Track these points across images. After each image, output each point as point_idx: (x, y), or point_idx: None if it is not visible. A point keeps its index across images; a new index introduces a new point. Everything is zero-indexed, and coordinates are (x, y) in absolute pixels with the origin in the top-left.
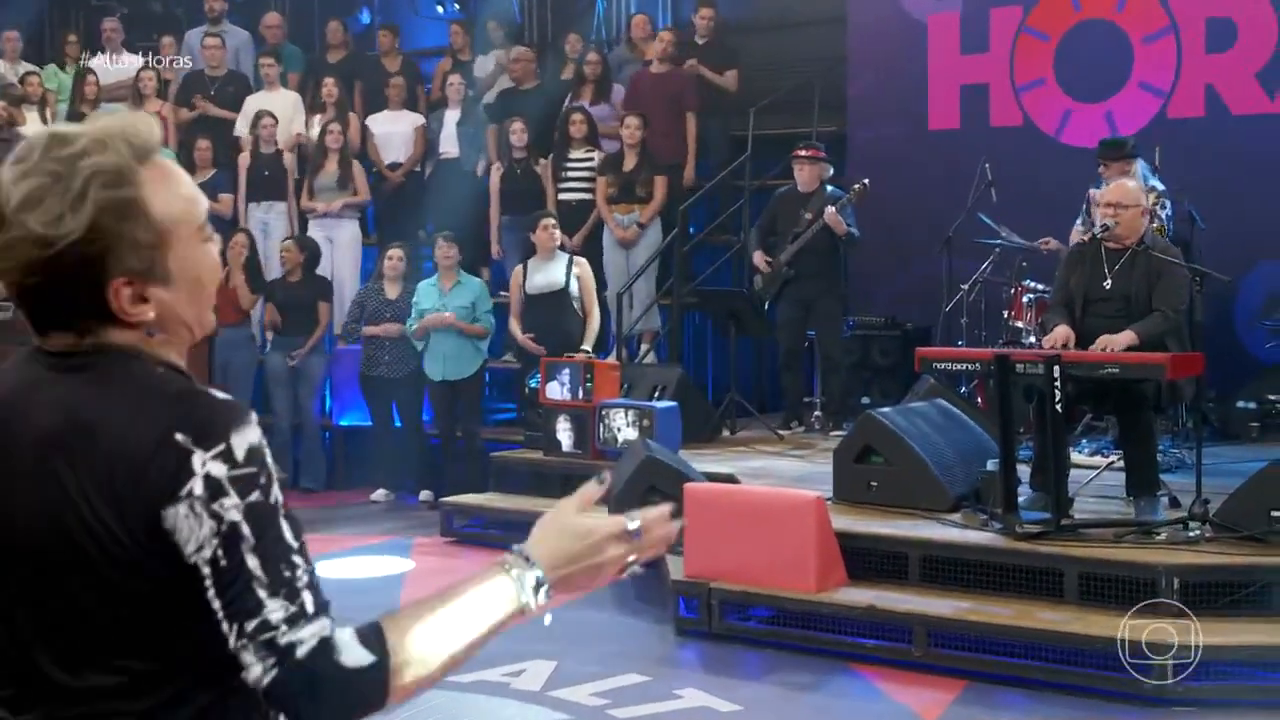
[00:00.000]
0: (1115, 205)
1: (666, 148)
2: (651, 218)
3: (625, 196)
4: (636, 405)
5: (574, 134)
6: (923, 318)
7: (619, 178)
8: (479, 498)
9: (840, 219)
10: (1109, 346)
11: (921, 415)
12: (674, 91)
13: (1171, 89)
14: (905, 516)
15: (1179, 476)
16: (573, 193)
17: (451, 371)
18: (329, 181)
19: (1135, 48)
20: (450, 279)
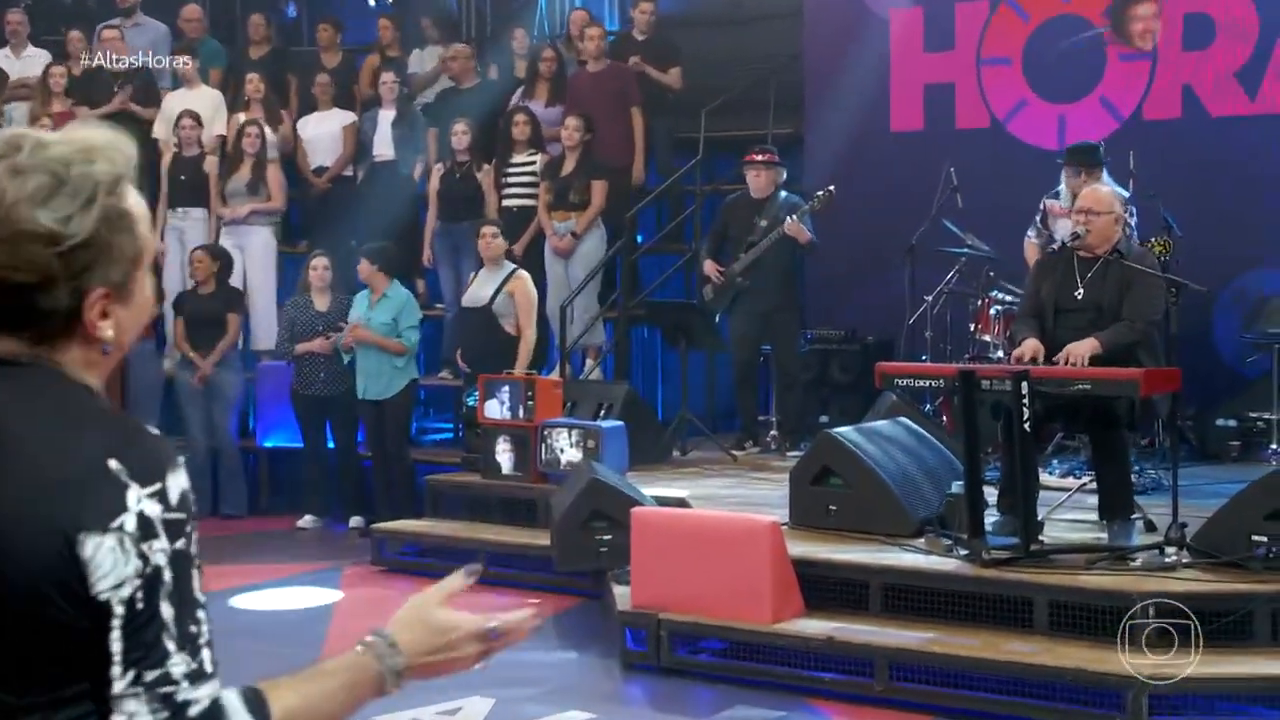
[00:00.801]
0: (1088, 212)
1: (613, 149)
2: (587, 225)
3: (561, 203)
4: (581, 425)
5: (517, 136)
6: (884, 331)
7: (555, 182)
8: (413, 524)
9: (803, 228)
10: (1072, 356)
11: (883, 435)
12: (615, 88)
13: (1146, 89)
14: (866, 542)
15: (1155, 499)
16: (515, 199)
17: (375, 390)
18: (240, 186)
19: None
20: (379, 291)
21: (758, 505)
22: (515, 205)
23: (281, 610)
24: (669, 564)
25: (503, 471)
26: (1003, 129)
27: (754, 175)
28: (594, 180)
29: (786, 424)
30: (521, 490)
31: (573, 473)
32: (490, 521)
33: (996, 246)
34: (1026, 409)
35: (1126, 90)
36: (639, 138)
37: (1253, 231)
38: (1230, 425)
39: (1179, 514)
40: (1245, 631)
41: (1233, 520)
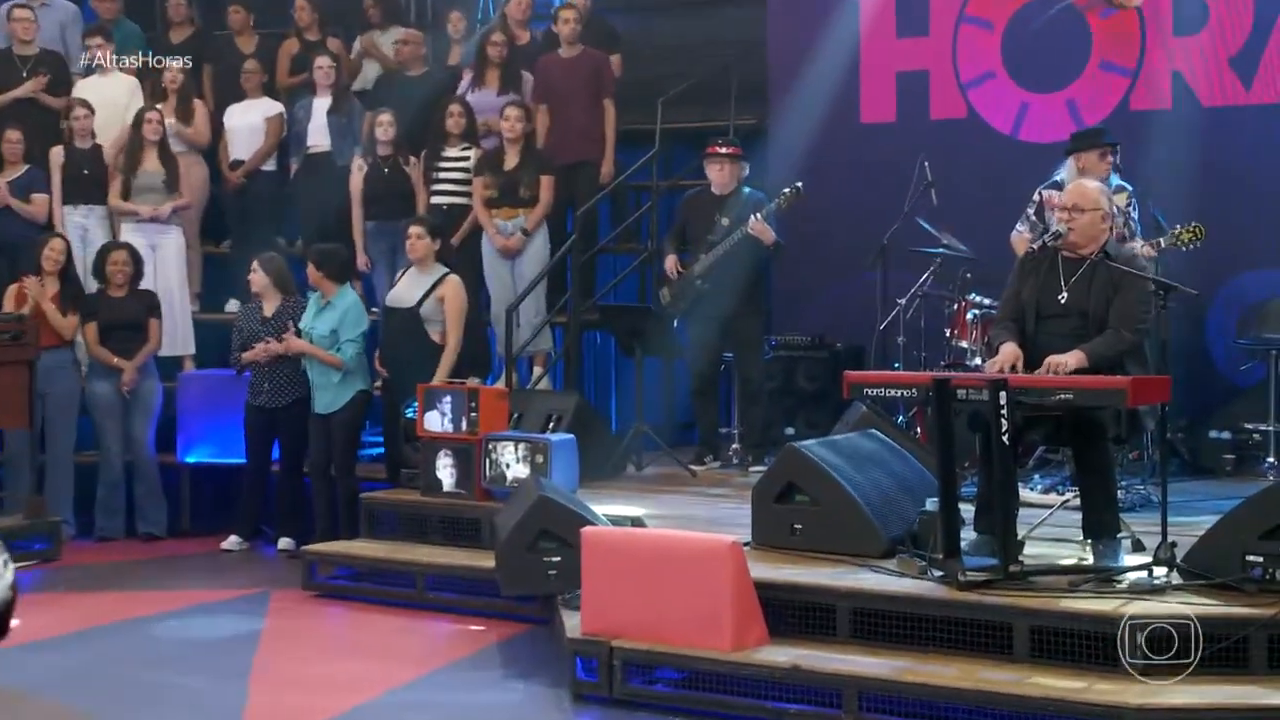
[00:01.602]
0: (1071, 209)
1: (581, 142)
2: (538, 223)
3: (507, 199)
4: (528, 438)
5: (450, 128)
6: (854, 337)
7: (499, 178)
8: (347, 545)
9: (767, 227)
10: (1056, 368)
11: (852, 448)
12: (588, 76)
13: (1135, 76)
14: (833, 564)
15: (1143, 516)
16: (446, 195)
17: (322, 403)
18: (152, 180)
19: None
20: (326, 296)
21: (718, 524)
22: (446, 203)
23: (204, 640)
24: (622, 588)
25: (444, 489)
26: (982, 120)
27: (716, 169)
28: (542, 175)
29: (749, 437)
30: (464, 509)
31: (519, 490)
32: (430, 542)
33: (974, 246)
34: (1005, 420)
35: (1124, 44)
36: (610, 131)
37: (1248, 231)
38: (1224, 437)
39: (1169, 533)
40: (1240, 658)
41: (1226, 539)
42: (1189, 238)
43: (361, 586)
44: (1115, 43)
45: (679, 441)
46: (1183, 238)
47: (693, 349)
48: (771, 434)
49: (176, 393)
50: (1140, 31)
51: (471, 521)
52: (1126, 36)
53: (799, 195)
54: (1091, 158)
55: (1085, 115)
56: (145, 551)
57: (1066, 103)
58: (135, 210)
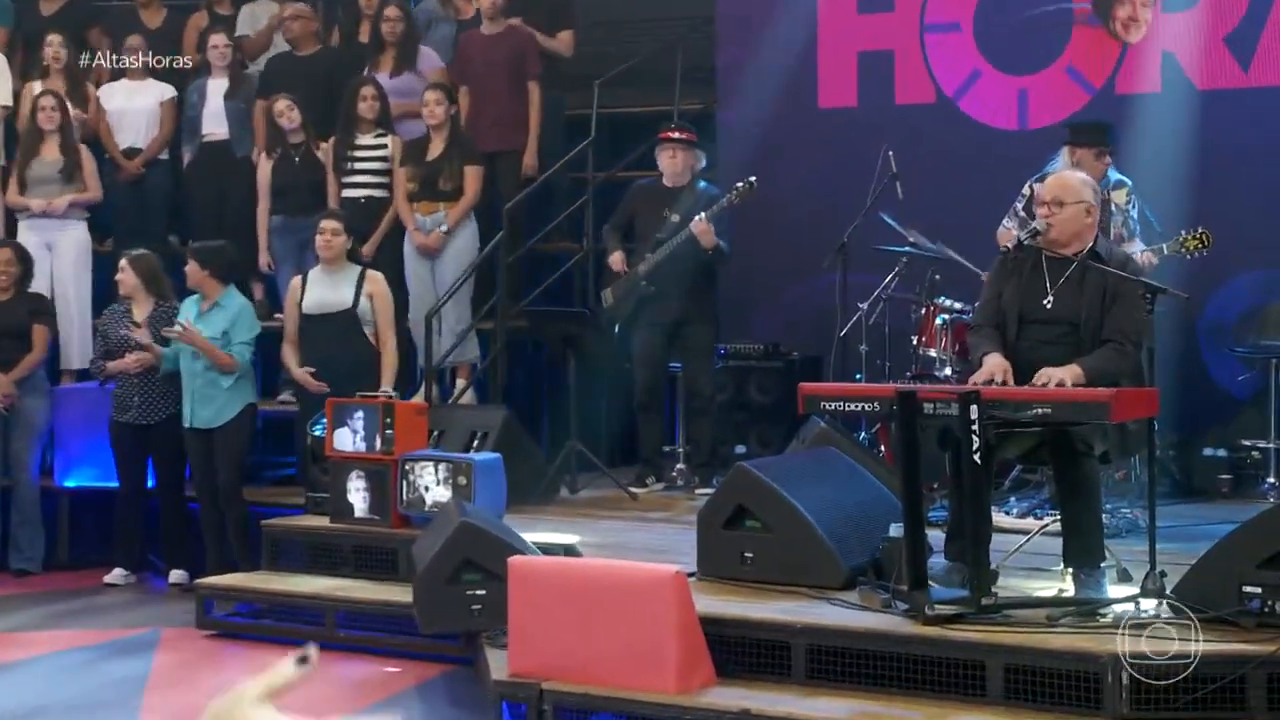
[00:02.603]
0: (1051, 203)
1: (503, 129)
2: (460, 219)
3: (428, 192)
4: (449, 458)
5: (362, 114)
6: (811, 345)
7: (420, 168)
8: (247, 578)
9: (709, 229)
10: (1052, 381)
11: (809, 468)
12: (510, 56)
13: (1119, 59)
14: (788, 596)
15: (1130, 542)
16: (361, 188)
17: (203, 417)
18: (49, 171)
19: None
20: (210, 298)
21: (660, 553)
22: (361, 196)
23: (84, 687)
24: (554, 624)
25: (356, 514)
26: (952, 105)
27: (667, 157)
28: (467, 165)
29: (696, 456)
30: (378, 537)
31: (439, 515)
32: (340, 574)
33: (945, 244)
34: (977, 437)
35: (1095, 58)
36: (534, 117)
37: (1246, 227)
38: (1219, 455)
39: (1158, 561)
40: (1237, 699)
41: (1221, 568)
42: (1195, 245)
43: (263, 624)
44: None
45: (618, 461)
46: (1188, 245)
47: (635, 358)
48: (720, 453)
49: (53, 408)
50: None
51: (386, 551)
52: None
53: (751, 190)
54: (1088, 155)
55: (1066, 101)
56: (17, 587)
57: (1067, 69)
58: (28, 204)
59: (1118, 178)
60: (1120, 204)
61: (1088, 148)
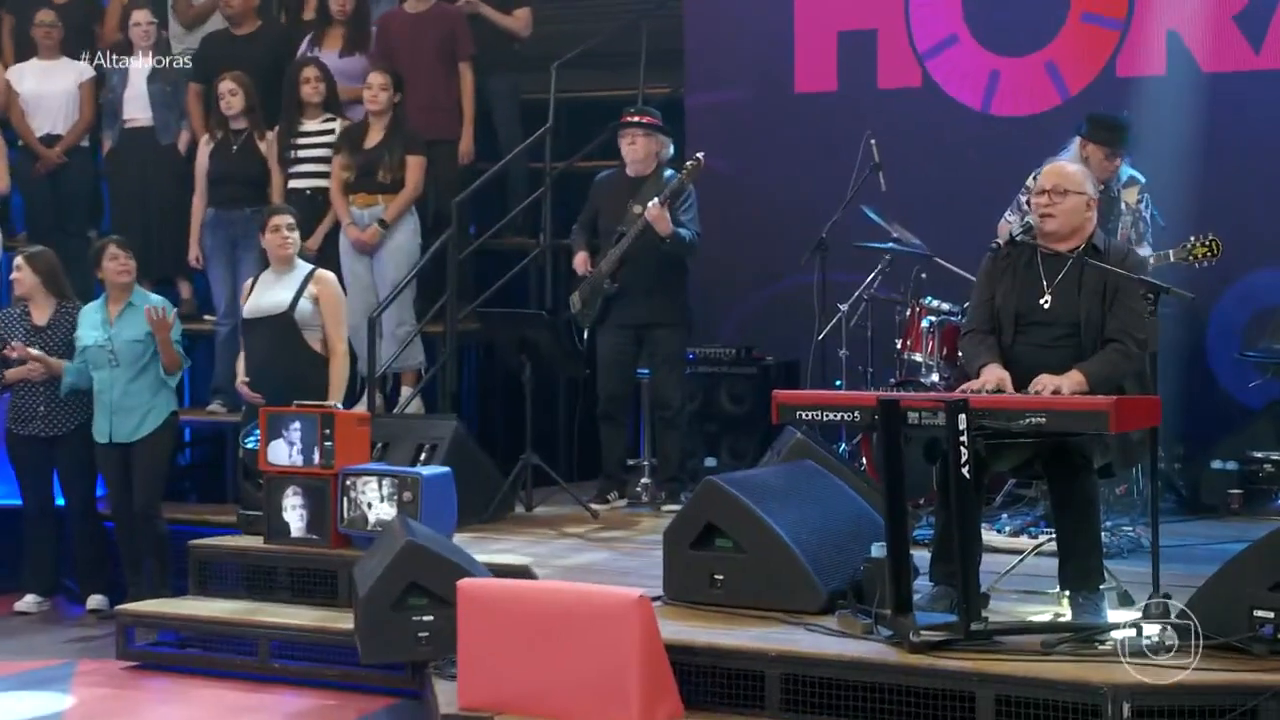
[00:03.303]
0: (1051, 191)
1: (434, 116)
2: (400, 213)
3: (365, 183)
4: (394, 472)
5: (307, 97)
6: (787, 349)
7: (357, 157)
8: (172, 604)
9: (665, 215)
10: (1050, 390)
11: (785, 483)
12: (439, 36)
13: (1122, 34)
14: (762, 622)
15: (1132, 563)
16: (306, 179)
17: (124, 429)
18: None
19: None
20: (120, 301)
21: (623, 575)
22: (307, 187)
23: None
24: (508, 653)
25: (291, 534)
26: (940, 89)
27: (628, 144)
28: (409, 155)
29: (662, 470)
30: (316, 558)
31: (383, 535)
32: (275, 599)
33: (932, 240)
34: (966, 449)
35: (1082, 62)
36: (467, 102)
37: (1256, 221)
38: (1228, 469)
39: (1162, 584)
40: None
41: (1231, 591)
42: (1203, 253)
43: (190, 654)
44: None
45: (578, 476)
46: (1196, 253)
47: (599, 363)
48: (689, 466)
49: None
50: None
51: (325, 574)
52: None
53: (699, 167)
54: (1098, 153)
55: (1068, 81)
56: None
57: (1046, 65)
58: None
59: (1130, 173)
60: (1131, 203)
61: (1101, 146)
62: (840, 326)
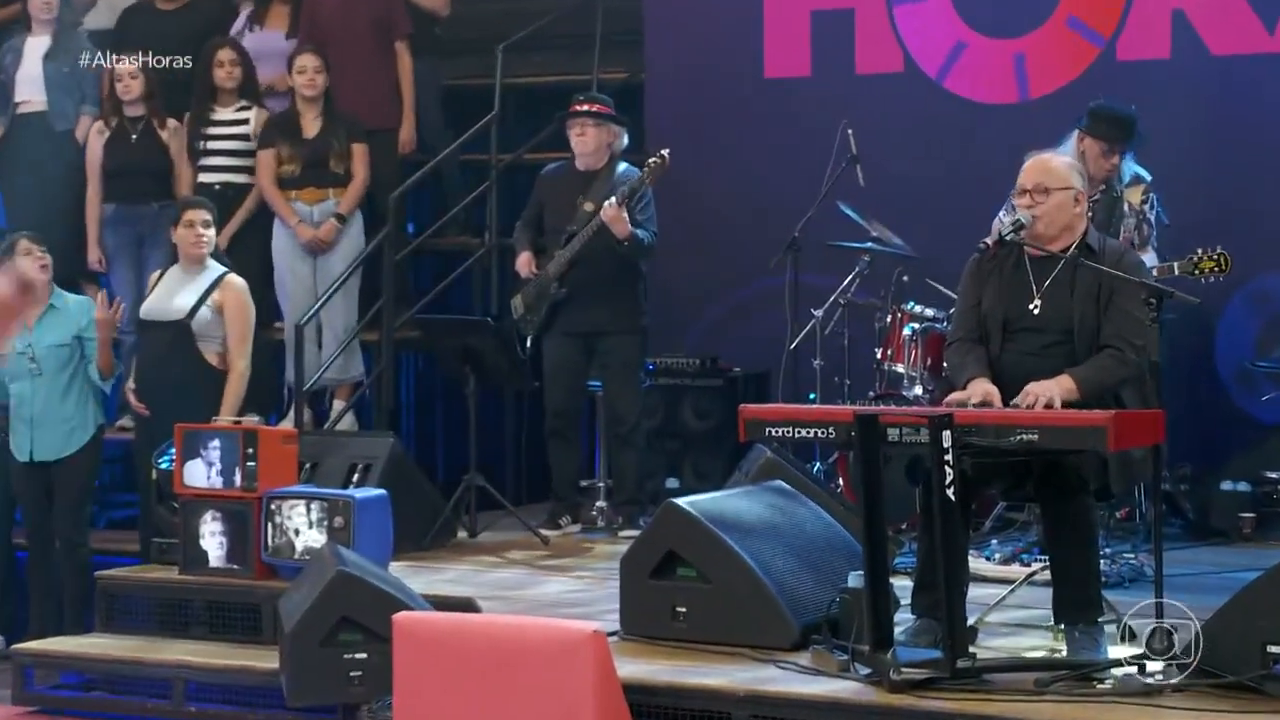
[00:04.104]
0: (1034, 190)
1: (370, 103)
2: (354, 205)
3: (312, 177)
4: (325, 495)
5: (221, 82)
6: (756, 359)
7: (300, 148)
8: (75, 643)
9: (623, 215)
10: (1039, 400)
11: (753, 507)
12: (372, 16)
13: (1122, 16)
14: (728, 659)
15: (1134, 594)
16: (218, 172)
17: (47, 447)
18: None
19: None
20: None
21: (576, 608)
22: (217, 182)
23: None
24: (449, 694)
25: (210, 563)
26: (926, 76)
27: (576, 134)
28: (354, 144)
29: (619, 492)
30: (237, 590)
31: (311, 564)
32: (191, 636)
33: (915, 239)
34: (951, 468)
35: (1095, 16)
36: (406, 86)
37: (1268, 218)
38: (1240, 490)
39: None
40: None
41: (1241, 623)
42: (1210, 267)
43: (95, 699)
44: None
45: (526, 499)
46: (1203, 267)
47: (547, 377)
48: (648, 488)
49: None
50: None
51: (247, 608)
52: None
53: (664, 165)
54: (1095, 148)
55: (1038, 71)
56: None
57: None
58: None
59: (1135, 171)
60: (1135, 203)
61: (1098, 140)
62: (814, 334)
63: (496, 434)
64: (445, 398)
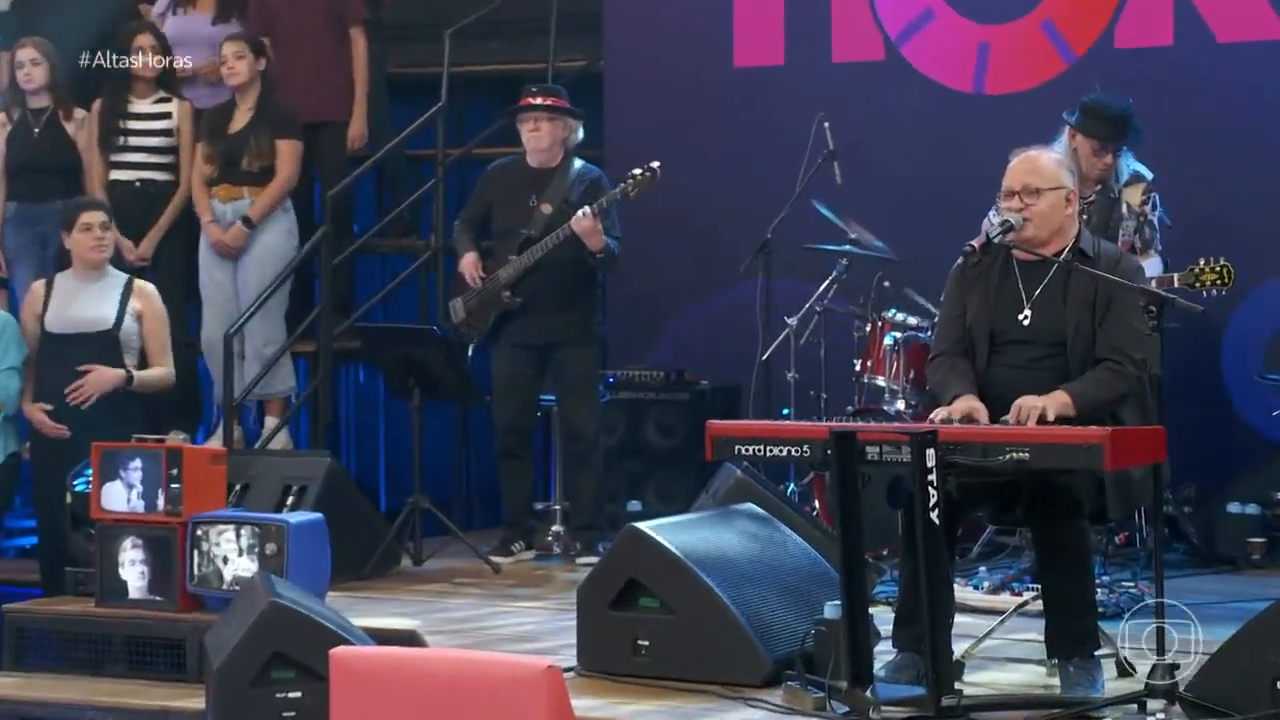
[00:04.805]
0: (1023, 191)
1: (322, 95)
2: (268, 208)
3: (229, 174)
4: (256, 519)
5: (137, 70)
6: (726, 372)
7: (218, 144)
8: None
9: (598, 228)
10: (1032, 415)
11: (721, 531)
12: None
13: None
14: (695, 696)
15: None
16: (135, 169)
17: None
18: None
19: None
20: None
21: (530, 641)
22: (136, 179)
23: None
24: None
25: (130, 595)
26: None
27: (529, 129)
28: (279, 139)
29: (576, 515)
30: (160, 624)
31: (241, 595)
32: (109, 674)
33: (896, 242)
34: (935, 490)
35: (1083, 15)
36: (360, 75)
37: (1278, 219)
38: (1248, 513)
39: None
40: None
41: (1247, 658)
42: (1212, 280)
43: None
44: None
45: (476, 522)
46: (1204, 279)
47: (497, 391)
48: (608, 511)
49: None
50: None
51: (171, 643)
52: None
53: (654, 180)
54: (1086, 147)
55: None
56: None
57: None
58: None
59: (1135, 168)
60: (1135, 204)
61: (1090, 137)
62: (788, 344)
63: (443, 453)
64: (388, 413)
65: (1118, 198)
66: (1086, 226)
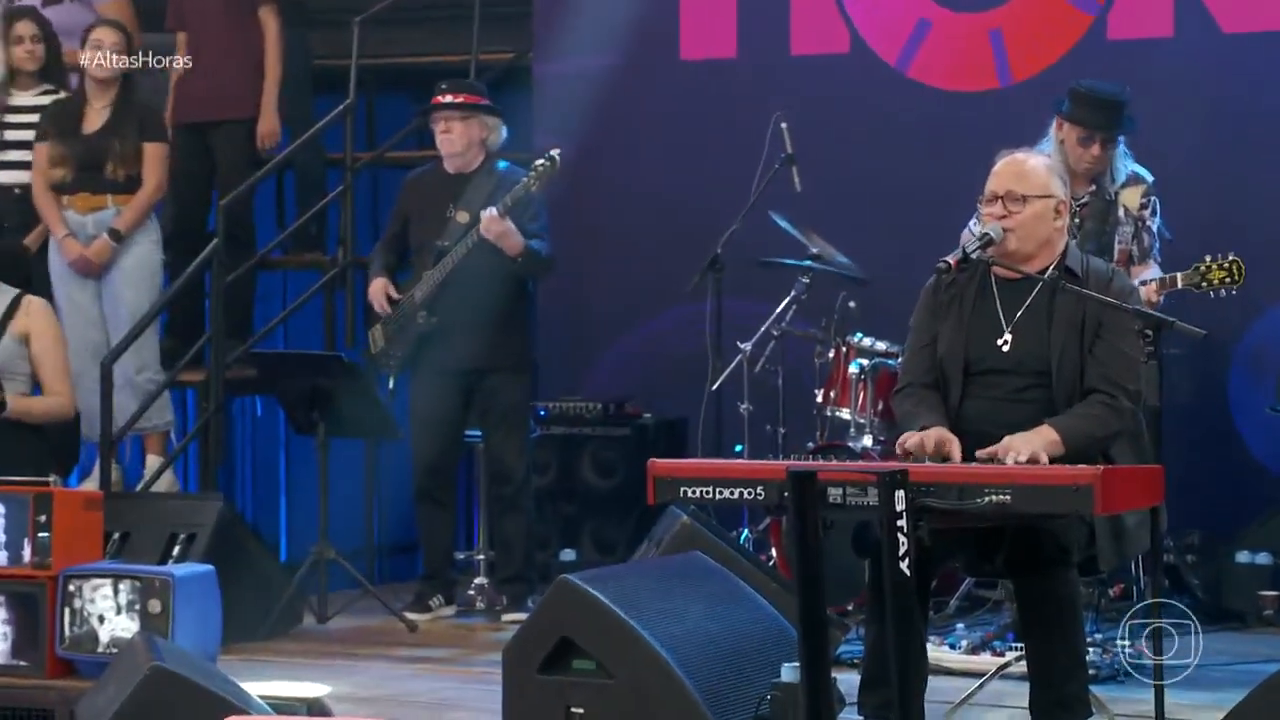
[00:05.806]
0: (1006, 198)
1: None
2: (138, 219)
3: (87, 181)
4: (137, 572)
5: (19, 62)
6: (672, 403)
7: (73, 146)
8: None
9: (509, 225)
10: (1021, 456)
11: (666, 583)
12: None
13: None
14: None
15: (1129, 691)
16: (16, 170)
17: None
18: None
19: None
20: None
21: (449, 709)
22: (16, 184)
23: None
24: None
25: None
26: (873, 55)
27: (442, 131)
28: (146, 141)
29: (502, 566)
30: (25, 692)
31: (120, 658)
32: None
33: (863, 257)
34: (906, 537)
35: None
36: (271, 63)
37: None
38: (1259, 563)
39: (1169, 716)
40: None
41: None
42: (1220, 278)
43: None
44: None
45: (390, 575)
46: (1212, 277)
47: (415, 425)
48: (538, 561)
49: None
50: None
51: (37, 713)
52: None
53: (554, 167)
54: (1072, 136)
55: (1020, 49)
56: None
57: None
58: None
59: (1132, 169)
60: (1132, 208)
61: (1076, 126)
62: (741, 372)
63: (352, 496)
64: (289, 451)
65: (1114, 200)
66: (1079, 230)
